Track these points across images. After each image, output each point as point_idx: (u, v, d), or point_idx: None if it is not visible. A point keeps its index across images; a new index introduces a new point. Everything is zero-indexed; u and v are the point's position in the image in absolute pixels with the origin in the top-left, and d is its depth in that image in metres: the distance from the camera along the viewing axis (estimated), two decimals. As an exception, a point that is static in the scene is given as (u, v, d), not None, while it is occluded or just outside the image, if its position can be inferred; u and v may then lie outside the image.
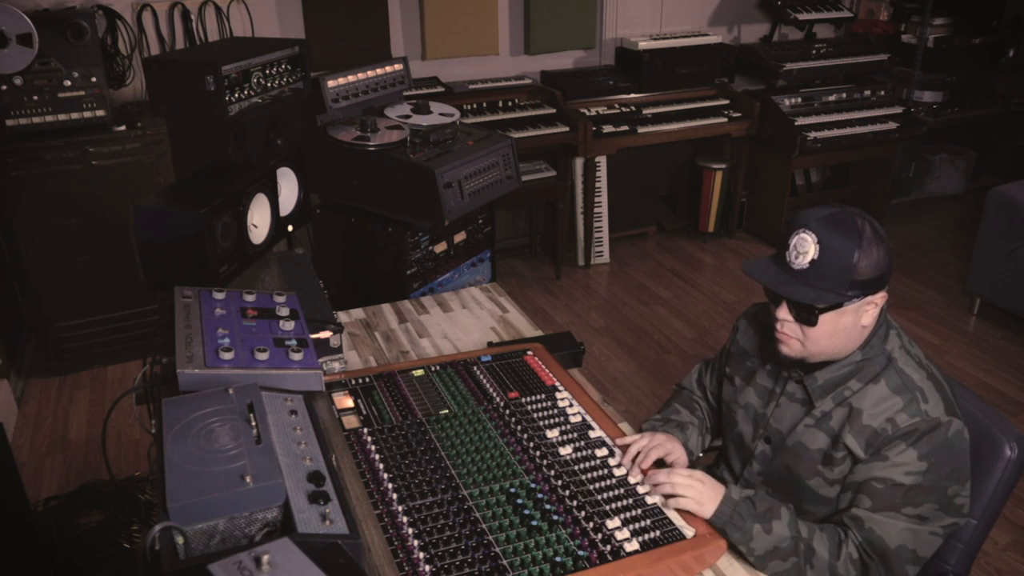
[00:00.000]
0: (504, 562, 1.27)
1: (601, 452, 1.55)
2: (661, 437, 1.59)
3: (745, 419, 1.60)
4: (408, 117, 3.04)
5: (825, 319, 1.38)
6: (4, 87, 3.02)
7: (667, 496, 1.42)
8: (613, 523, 1.36)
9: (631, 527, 1.36)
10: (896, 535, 1.35)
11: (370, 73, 3.14)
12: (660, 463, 1.57)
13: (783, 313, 1.42)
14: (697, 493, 1.40)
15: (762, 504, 1.40)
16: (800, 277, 1.37)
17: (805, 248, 1.36)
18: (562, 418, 1.65)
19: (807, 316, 1.38)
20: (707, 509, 1.39)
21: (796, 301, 1.38)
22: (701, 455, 1.73)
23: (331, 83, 2.98)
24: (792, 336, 1.43)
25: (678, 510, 1.41)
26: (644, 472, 1.51)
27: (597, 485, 1.46)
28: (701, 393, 1.80)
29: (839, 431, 1.42)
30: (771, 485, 1.56)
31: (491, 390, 1.73)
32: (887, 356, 1.43)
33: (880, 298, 1.39)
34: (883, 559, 1.36)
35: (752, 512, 1.38)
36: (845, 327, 1.39)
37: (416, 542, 1.29)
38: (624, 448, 1.57)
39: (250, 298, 1.60)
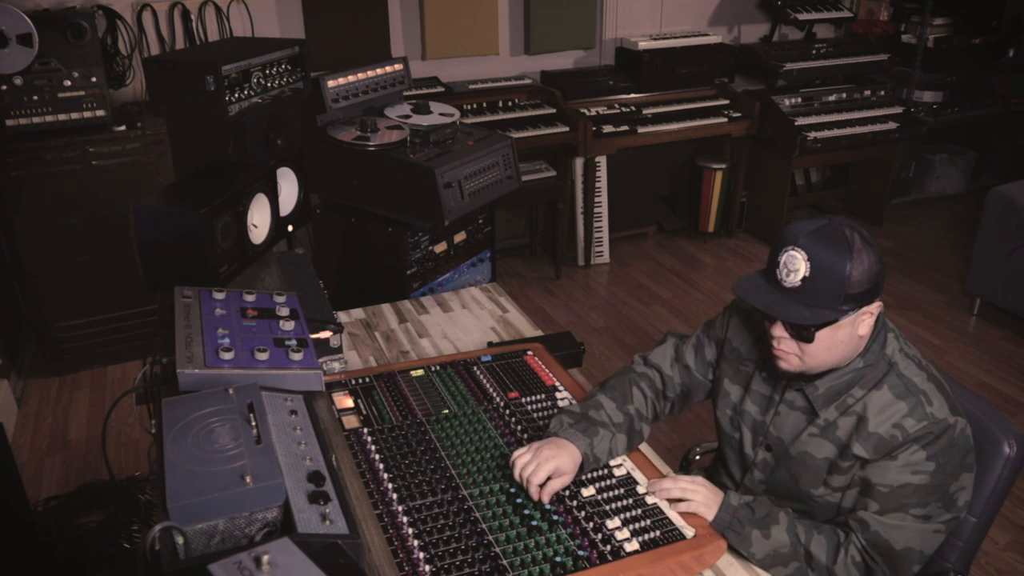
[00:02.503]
0: (504, 562, 1.27)
1: (601, 452, 1.55)
2: (546, 452, 1.42)
3: (743, 426, 1.58)
4: (408, 117, 3.04)
5: (822, 335, 1.36)
6: (4, 87, 3.02)
7: (673, 500, 1.43)
8: (613, 523, 1.36)
9: (631, 527, 1.36)
10: (902, 537, 1.35)
11: (370, 73, 3.14)
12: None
13: (779, 331, 1.40)
14: (703, 497, 1.42)
15: (761, 509, 1.41)
16: (793, 295, 1.35)
17: (795, 266, 1.33)
18: (562, 418, 1.65)
19: (803, 333, 1.37)
20: (711, 513, 1.41)
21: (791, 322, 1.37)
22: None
23: (331, 83, 2.98)
24: (790, 352, 1.41)
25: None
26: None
27: (597, 485, 1.46)
28: (676, 372, 1.68)
29: (847, 441, 1.41)
30: (774, 493, 1.55)
31: (491, 390, 1.73)
32: (888, 361, 1.41)
33: (875, 307, 1.37)
34: (889, 561, 1.36)
35: (751, 518, 1.39)
36: (842, 340, 1.37)
37: (416, 542, 1.29)
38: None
39: (250, 298, 1.60)
